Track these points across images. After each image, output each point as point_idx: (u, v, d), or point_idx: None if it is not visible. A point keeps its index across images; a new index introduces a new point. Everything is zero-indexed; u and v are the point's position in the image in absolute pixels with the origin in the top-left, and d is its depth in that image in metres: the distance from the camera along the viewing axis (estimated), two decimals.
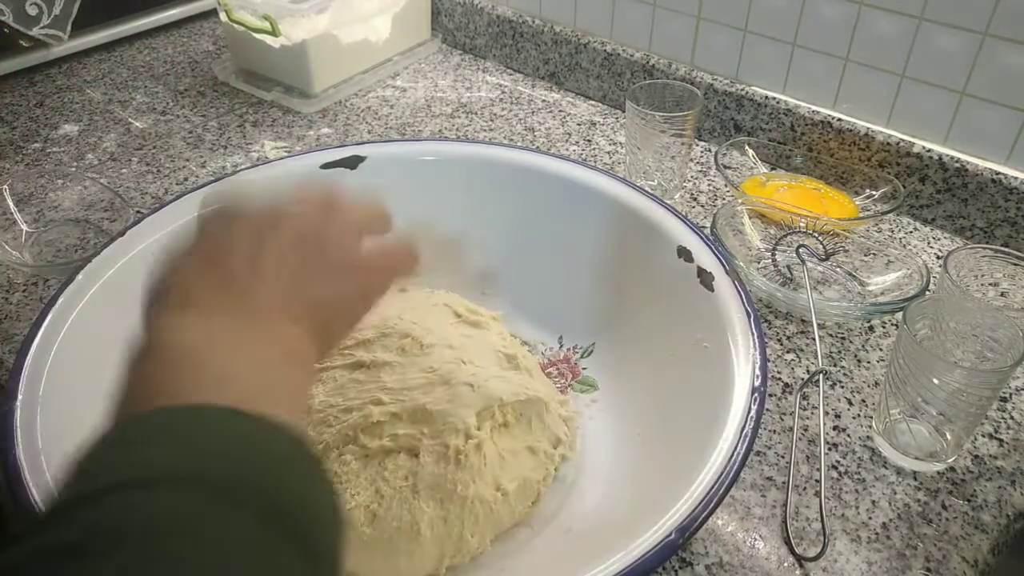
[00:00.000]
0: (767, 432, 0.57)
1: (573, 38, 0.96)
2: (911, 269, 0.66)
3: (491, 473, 0.49)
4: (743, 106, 0.85)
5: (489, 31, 1.05)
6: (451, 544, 0.48)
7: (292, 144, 0.90)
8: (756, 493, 0.53)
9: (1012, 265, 0.59)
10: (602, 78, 0.96)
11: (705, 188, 0.82)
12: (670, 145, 0.76)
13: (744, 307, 0.53)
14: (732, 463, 0.44)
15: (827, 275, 0.70)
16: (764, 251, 0.72)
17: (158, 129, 0.92)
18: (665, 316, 0.59)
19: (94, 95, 0.99)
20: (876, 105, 0.78)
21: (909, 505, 0.52)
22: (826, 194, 0.79)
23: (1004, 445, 0.56)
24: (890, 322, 0.66)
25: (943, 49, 0.72)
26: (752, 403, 0.47)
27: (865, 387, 0.61)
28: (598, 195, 0.64)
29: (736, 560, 0.49)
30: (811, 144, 0.82)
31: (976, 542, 0.50)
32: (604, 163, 0.86)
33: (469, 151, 0.69)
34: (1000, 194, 0.72)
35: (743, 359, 0.50)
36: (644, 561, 0.39)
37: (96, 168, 0.85)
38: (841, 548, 0.50)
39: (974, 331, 0.53)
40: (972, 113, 0.72)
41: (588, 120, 0.94)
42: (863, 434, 0.57)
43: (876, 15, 0.74)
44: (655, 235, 0.60)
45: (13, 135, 0.90)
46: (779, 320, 0.66)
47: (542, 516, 0.52)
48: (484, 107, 0.96)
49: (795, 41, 0.81)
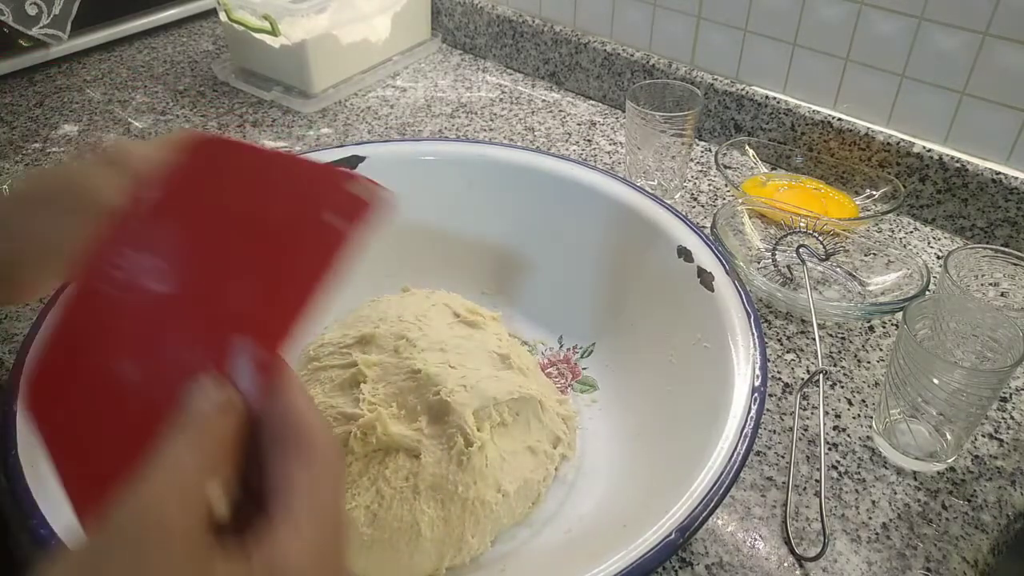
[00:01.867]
0: (767, 432, 0.57)
1: (573, 38, 0.96)
2: (911, 269, 0.66)
3: (492, 474, 0.49)
4: (743, 106, 0.85)
5: (489, 31, 1.05)
6: (451, 545, 0.48)
7: (292, 144, 0.90)
8: (756, 493, 0.53)
9: (1012, 265, 0.59)
10: (602, 78, 0.96)
11: (705, 188, 0.82)
12: (670, 145, 0.76)
13: (744, 307, 0.53)
14: (732, 463, 0.44)
15: (827, 275, 0.70)
16: (764, 251, 0.72)
17: (158, 129, 0.92)
18: (665, 316, 0.59)
19: (94, 95, 0.99)
20: (876, 105, 0.78)
21: (909, 505, 0.52)
22: (826, 194, 0.79)
23: (1004, 445, 0.56)
24: (890, 322, 0.66)
25: (943, 49, 0.71)
26: (752, 403, 0.47)
27: (865, 387, 0.61)
28: (598, 195, 0.64)
29: (736, 560, 0.49)
30: (811, 144, 0.82)
31: (976, 542, 0.50)
32: (604, 163, 0.86)
33: (469, 151, 0.69)
34: (1000, 194, 0.72)
35: (743, 359, 0.50)
36: (644, 561, 0.39)
37: None
38: (841, 548, 0.50)
39: (974, 331, 0.53)
40: (972, 113, 0.72)
41: (588, 120, 0.94)
42: (863, 434, 0.57)
43: (876, 15, 0.74)
44: (655, 235, 0.60)
45: (13, 135, 0.90)
46: (779, 320, 0.66)
47: (542, 516, 0.52)
48: (484, 107, 0.96)
49: (795, 41, 0.81)
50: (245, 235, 0.34)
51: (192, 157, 0.35)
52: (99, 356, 0.32)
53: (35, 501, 0.41)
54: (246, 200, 0.35)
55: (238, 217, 0.34)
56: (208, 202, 0.35)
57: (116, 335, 0.32)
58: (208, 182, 0.35)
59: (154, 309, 0.32)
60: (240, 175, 0.35)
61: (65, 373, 0.32)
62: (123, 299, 0.33)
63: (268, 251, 0.33)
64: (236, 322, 0.31)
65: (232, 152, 0.36)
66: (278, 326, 0.30)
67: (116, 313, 0.32)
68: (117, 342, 0.32)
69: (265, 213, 0.34)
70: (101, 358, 0.32)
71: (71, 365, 0.32)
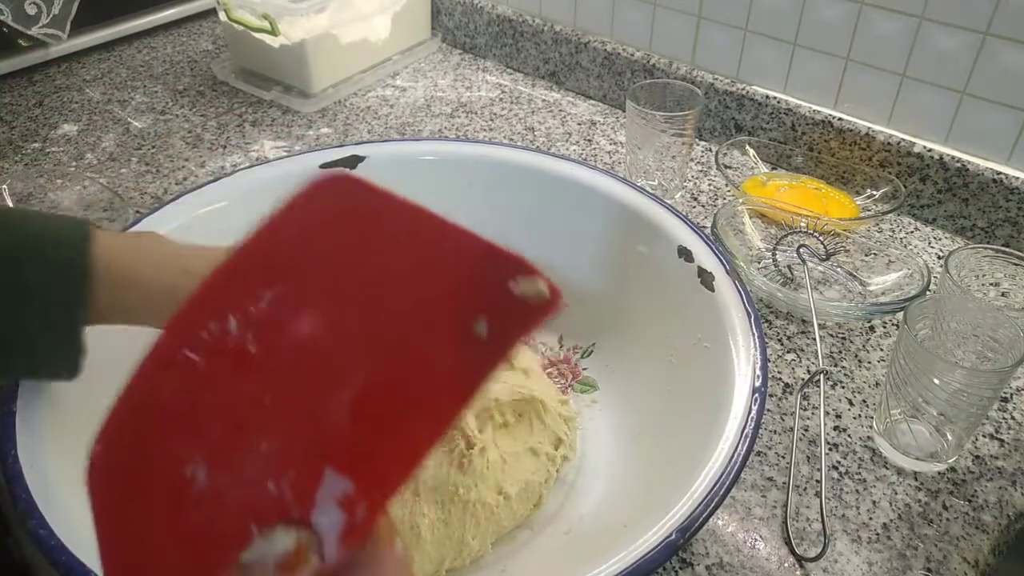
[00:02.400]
0: (767, 432, 0.57)
1: (573, 37, 0.96)
2: (912, 269, 0.66)
3: (494, 477, 0.49)
4: (744, 106, 0.85)
5: (489, 30, 1.05)
6: (452, 547, 0.48)
7: (291, 144, 0.89)
8: (756, 493, 0.53)
9: (1013, 265, 0.59)
10: (602, 77, 0.96)
11: (706, 188, 0.82)
12: (671, 145, 0.76)
13: (745, 307, 0.53)
14: (733, 463, 0.44)
15: (828, 275, 0.70)
16: (765, 251, 0.72)
17: (157, 129, 0.92)
18: (665, 316, 0.59)
19: (93, 95, 0.98)
20: (877, 105, 0.78)
21: (910, 505, 0.52)
22: (827, 194, 0.79)
23: (1005, 445, 0.56)
24: (891, 322, 0.66)
25: (944, 49, 0.71)
26: (752, 403, 0.47)
27: (866, 387, 0.61)
28: (598, 195, 0.64)
29: (736, 561, 0.49)
30: (812, 144, 0.82)
31: (977, 542, 0.50)
32: (604, 163, 0.86)
33: (469, 151, 0.69)
34: (1001, 194, 0.72)
35: (744, 359, 0.50)
36: (645, 562, 0.39)
37: (95, 168, 0.85)
38: (842, 548, 0.50)
39: (975, 331, 0.53)
40: (973, 113, 0.72)
41: (588, 120, 0.94)
42: (864, 434, 0.57)
43: (877, 15, 0.74)
44: (655, 235, 0.60)
45: (12, 135, 0.90)
46: (780, 320, 0.66)
47: (542, 517, 0.52)
48: (484, 107, 0.96)
49: (796, 41, 0.80)
50: (375, 322, 0.25)
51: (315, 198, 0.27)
52: (173, 447, 0.26)
53: (35, 501, 0.41)
54: (383, 273, 0.26)
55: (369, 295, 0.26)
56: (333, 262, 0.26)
57: (195, 423, 0.26)
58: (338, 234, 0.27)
59: (244, 397, 0.26)
60: (381, 233, 0.27)
61: (134, 454, 0.27)
62: (211, 374, 0.26)
63: (400, 354, 0.25)
64: (340, 446, 0.23)
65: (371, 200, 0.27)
66: (393, 467, 0.23)
67: (201, 388, 0.26)
68: (194, 435, 0.26)
69: (403, 295, 0.25)
70: (175, 451, 0.26)
71: (141, 447, 0.26)
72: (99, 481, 0.26)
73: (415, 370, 0.24)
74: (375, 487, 0.23)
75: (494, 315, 0.24)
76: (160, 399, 0.26)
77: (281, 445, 0.24)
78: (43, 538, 0.40)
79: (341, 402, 0.24)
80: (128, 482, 0.26)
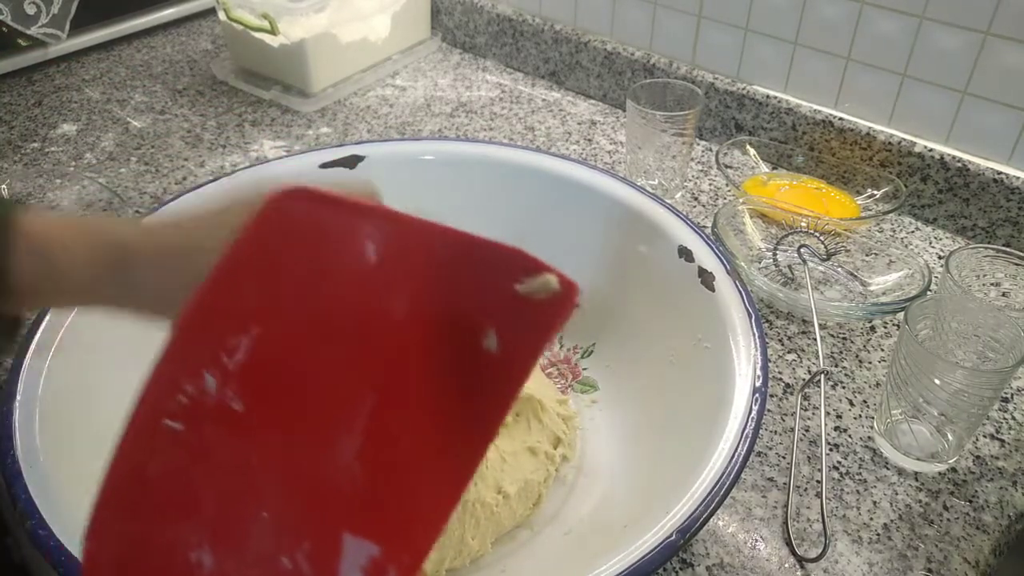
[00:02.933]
0: (768, 433, 0.57)
1: (573, 37, 0.96)
2: (912, 269, 0.66)
3: (492, 476, 0.49)
4: (744, 105, 0.85)
5: (489, 30, 1.05)
6: (451, 547, 0.48)
7: (291, 143, 0.89)
8: (757, 494, 0.53)
9: (1014, 265, 0.59)
10: (602, 77, 0.96)
11: (706, 188, 0.82)
12: (671, 144, 0.76)
13: (745, 307, 0.53)
14: (733, 464, 0.43)
15: (828, 275, 0.70)
16: (765, 251, 0.72)
17: (156, 128, 0.92)
18: (666, 316, 0.59)
19: (92, 94, 0.98)
20: (878, 104, 0.78)
21: (910, 506, 0.52)
22: (827, 194, 0.79)
23: (1005, 446, 0.56)
24: (891, 322, 0.66)
25: (945, 48, 0.71)
26: (753, 404, 0.47)
27: (866, 387, 0.60)
28: (598, 195, 0.64)
29: (737, 561, 0.49)
30: (812, 143, 0.82)
31: (977, 543, 0.50)
32: (604, 162, 0.86)
33: (469, 150, 0.69)
34: (1002, 194, 0.72)
35: (744, 359, 0.50)
36: (645, 562, 0.39)
37: (95, 167, 0.85)
38: (842, 549, 0.50)
39: (976, 331, 0.53)
40: (974, 112, 0.72)
41: (588, 119, 0.94)
42: (864, 435, 0.57)
43: (877, 14, 0.74)
44: (656, 235, 0.60)
45: (11, 134, 0.90)
46: (780, 320, 0.66)
47: (542, 517, 0.52)
48: (484, 106, 0.96)
49: (796, 40, 0.80)
50: (366, 355, 0.21)
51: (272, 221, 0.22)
52: (171, 534, 0.23)
53: (35, 501, 0.41)
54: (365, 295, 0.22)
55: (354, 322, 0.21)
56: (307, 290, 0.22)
57: (189, 502, 0.23)
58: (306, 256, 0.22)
59: (235, 462, 0.22)
60: (354, 249, 0.23)
61: (131, 549, 0.23)
62: (196, 444, 0.23)
63: (403, 389, 0.21)
64: (354, 504, 0.20)
65: (335, 213, 0.22)
66: (419, 524, 0.19)
67: (188, 461, 0.23)
68: (191, 516, 0.22)
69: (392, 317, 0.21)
70: (174, 539, 0.23)
71: (137, 539, 0.23)
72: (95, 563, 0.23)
73: (423, 405, 0.21)
74: (403, 548, 0.19)
75: (504, 324, 0.21)
76: (147, 481, 0.23)
77: (287, 511, 0.21)
78: (42, 539, 0.39)
79: (346, 453, 0.21)
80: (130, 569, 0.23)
